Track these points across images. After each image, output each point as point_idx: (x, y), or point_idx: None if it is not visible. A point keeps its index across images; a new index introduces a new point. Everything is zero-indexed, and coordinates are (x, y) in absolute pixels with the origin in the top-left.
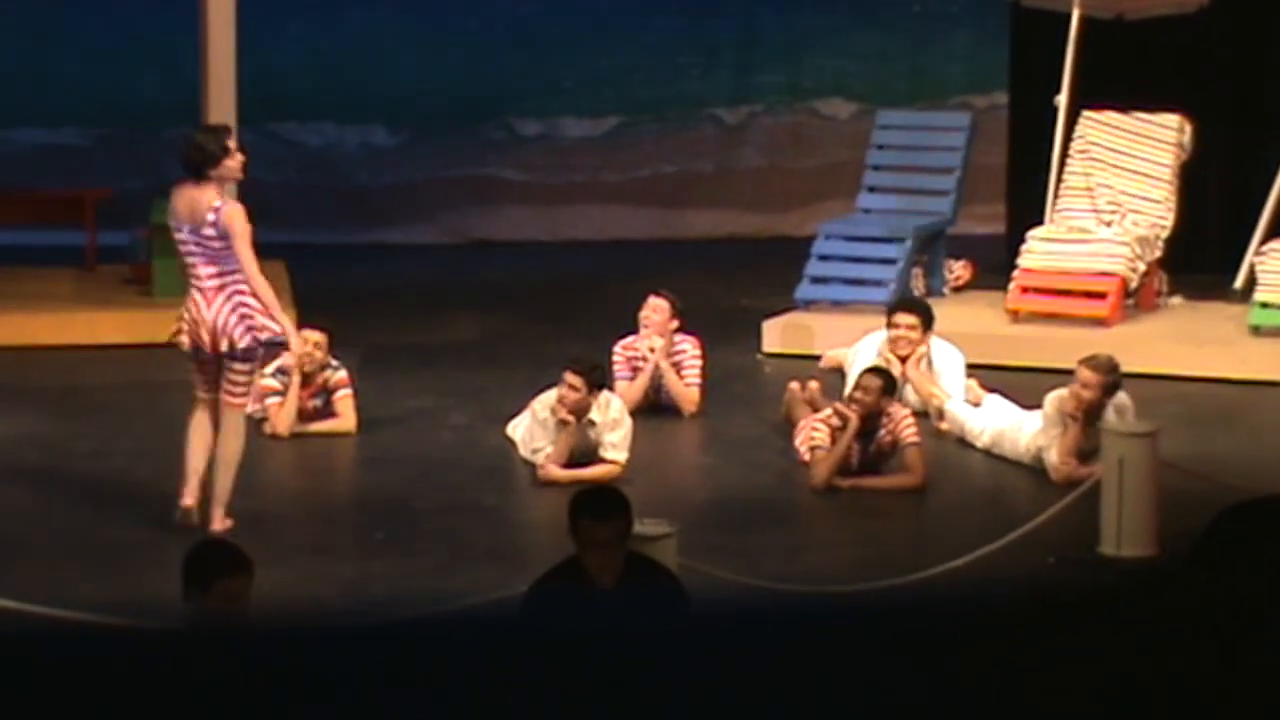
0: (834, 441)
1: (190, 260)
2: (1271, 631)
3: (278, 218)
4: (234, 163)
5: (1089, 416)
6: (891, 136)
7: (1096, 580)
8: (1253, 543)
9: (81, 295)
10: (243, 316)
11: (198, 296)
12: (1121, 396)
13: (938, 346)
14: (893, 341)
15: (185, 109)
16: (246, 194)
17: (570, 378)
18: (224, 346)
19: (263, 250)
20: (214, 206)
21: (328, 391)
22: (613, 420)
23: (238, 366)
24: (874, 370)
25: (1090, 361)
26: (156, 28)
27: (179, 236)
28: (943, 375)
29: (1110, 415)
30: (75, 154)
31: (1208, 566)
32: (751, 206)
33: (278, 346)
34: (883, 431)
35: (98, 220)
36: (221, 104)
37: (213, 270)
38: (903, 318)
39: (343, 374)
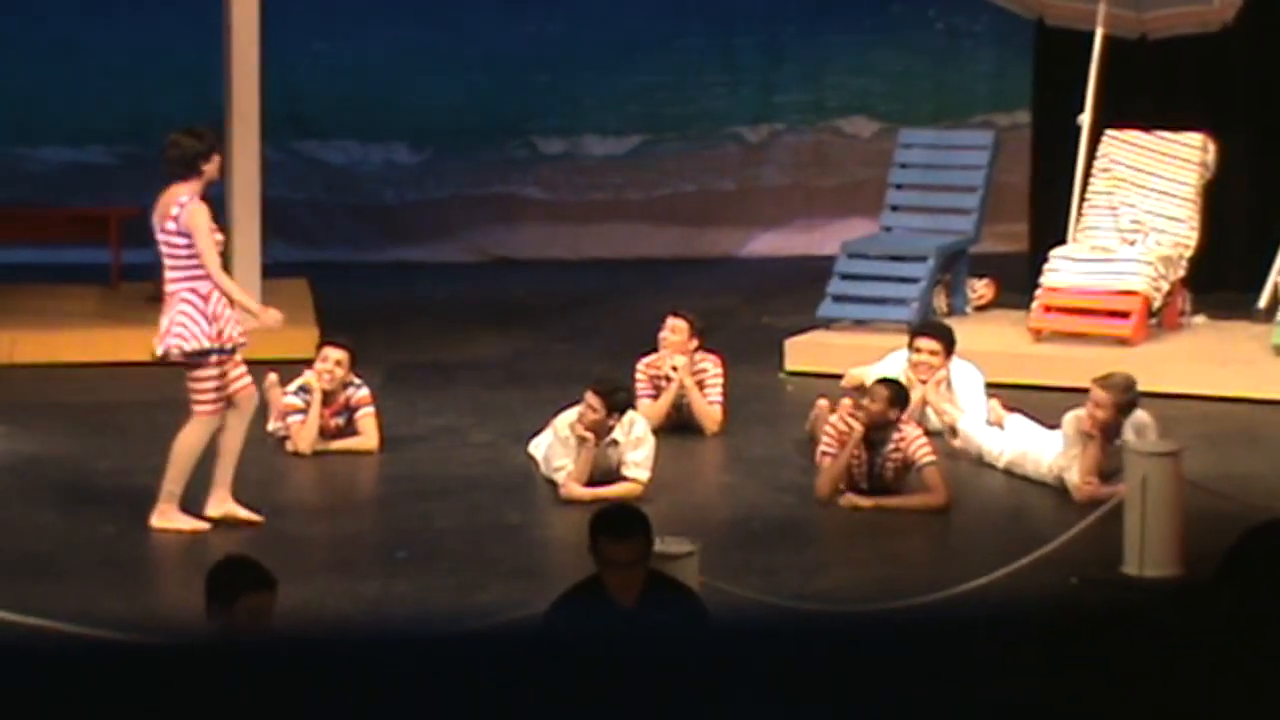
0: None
1: (163, 263)
2: None
3: (301, 236)
4: (218, 161)
5: (1107, 435)
6: (914, 155)
7: (1120, 600)
8: (1276, 562)
9: (106, 313)
10: (174, 323)
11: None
12: (1141, 415)
13: (957, 366)
14: (914, 366)
15: (210, 127)
16: (270, 211)
17: (591, 399)
18: (159, 351)
19: (286, 268)
20: (180, 203)
21: (350, 410)
22: (636, 439)
23: (187, 373)
24: (884, 381)
25: (1103, 381)
26: (181, 46)
27: (156, 239)
28: (960, 395)
29: (1129, 433)
30: (100, 172)
31: (1232, 586)
32: (774, 225)
33: (200, 358)
34: (891, 447)
35: (122, 238)
36: (246, 122)
37: (172, 275)
38: (925, 343)
39: (365, 392)
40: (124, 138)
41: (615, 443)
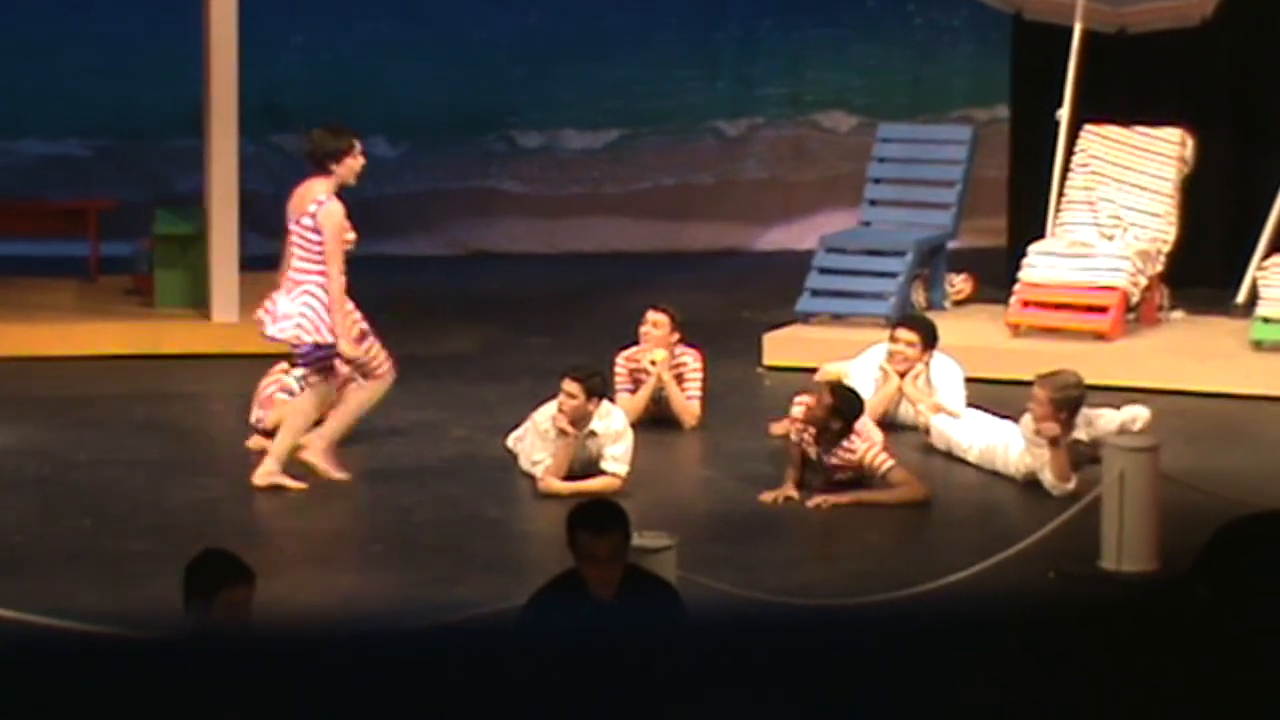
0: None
1: (291, 252)
2: (1273, 647)
3: (279, 229)
4: (352, 164)
5: (1065, 433)
6: (893, 150)
7: (1098, 595)
8: (1253, 558)
9: (84, 306)
10: (299, 313)
11: (283, 287)
12: (1103, 421)
13: (937, 361)
14: (890, 356)
15: (188, 121)
16: (248, 204)
17: (568, 385)
18: (270, 333)
19: (264, 261)
20: (317, 200)
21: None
22: (615, 433)
23: (301, 358)
24: (837, 389)
25: (1043, 377)
26: (159, 39)
27: (289, 228)
28: (940, 390)
29: (1080, 432)
30: (78, 165)
31: (1209, 581)
32: (752, 219)
33: (322, 352)
34: (840, 454)
35: (101, 231)
36: (224, 115)
37: (303, 266)
38: (903, 333)
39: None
40: (102, 131)
41: (594, 434)
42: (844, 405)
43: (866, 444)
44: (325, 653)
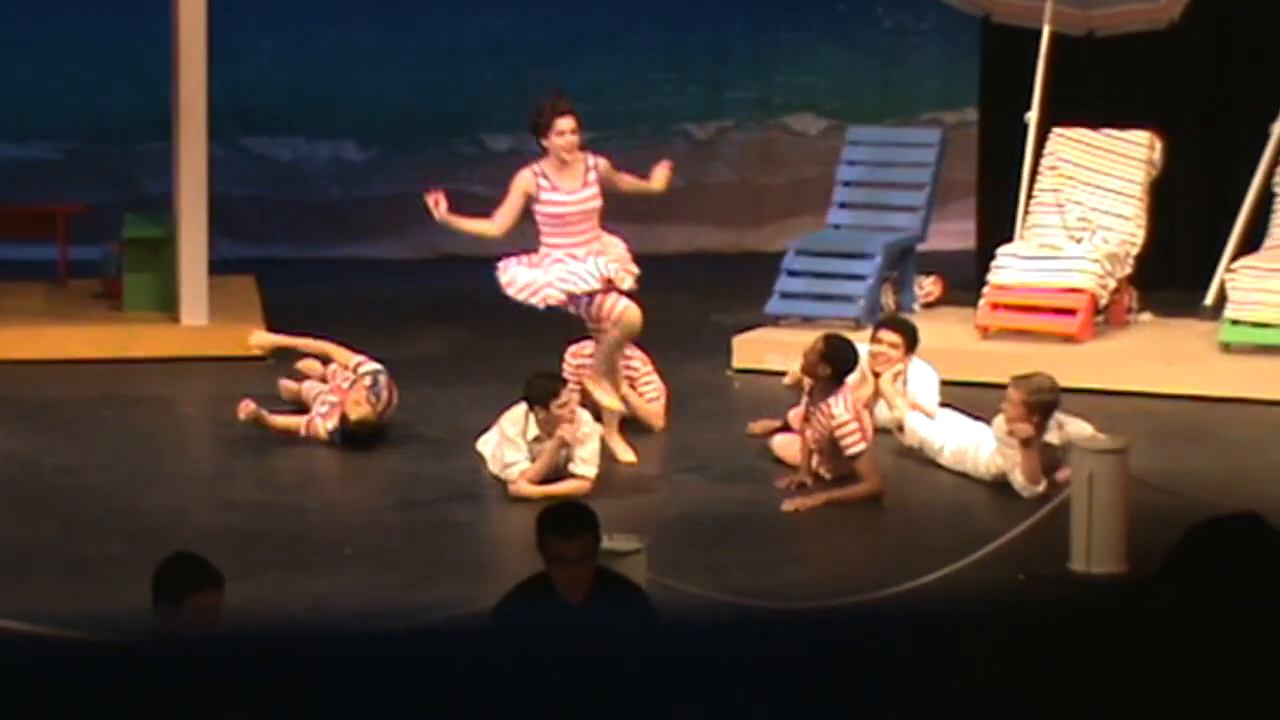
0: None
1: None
2: (1241, 648)
3: (248, 232)
4: (554, 139)
5: (1038, 434)
6: (862, 153)
7: (1068, 596)
8: (1222, 559)
9: (53, 310)
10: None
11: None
12: (1073, 426)
13: (914, 364)
14: (873, 357)
15: (157, 124)
16: (217, 208)
17: (542, 412)
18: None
19: (233, 265)
20: (588, 165)
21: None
22: (583, 434)
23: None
24: (827, 336)
25: (1017, 379)
26: (128, 42)
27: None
28: (916, 392)
29: (1052, 435)
30: (47, 168)
31: (1177, 583)
32: (722, 222)
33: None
34: (819, 423)
35: (70, 234)
36: (193, 118)
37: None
38: (886, 334)
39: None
40: (71, 134)
41: (564, 441)
42: (832, 351)
43: (847, 417)
44: (295, 657)
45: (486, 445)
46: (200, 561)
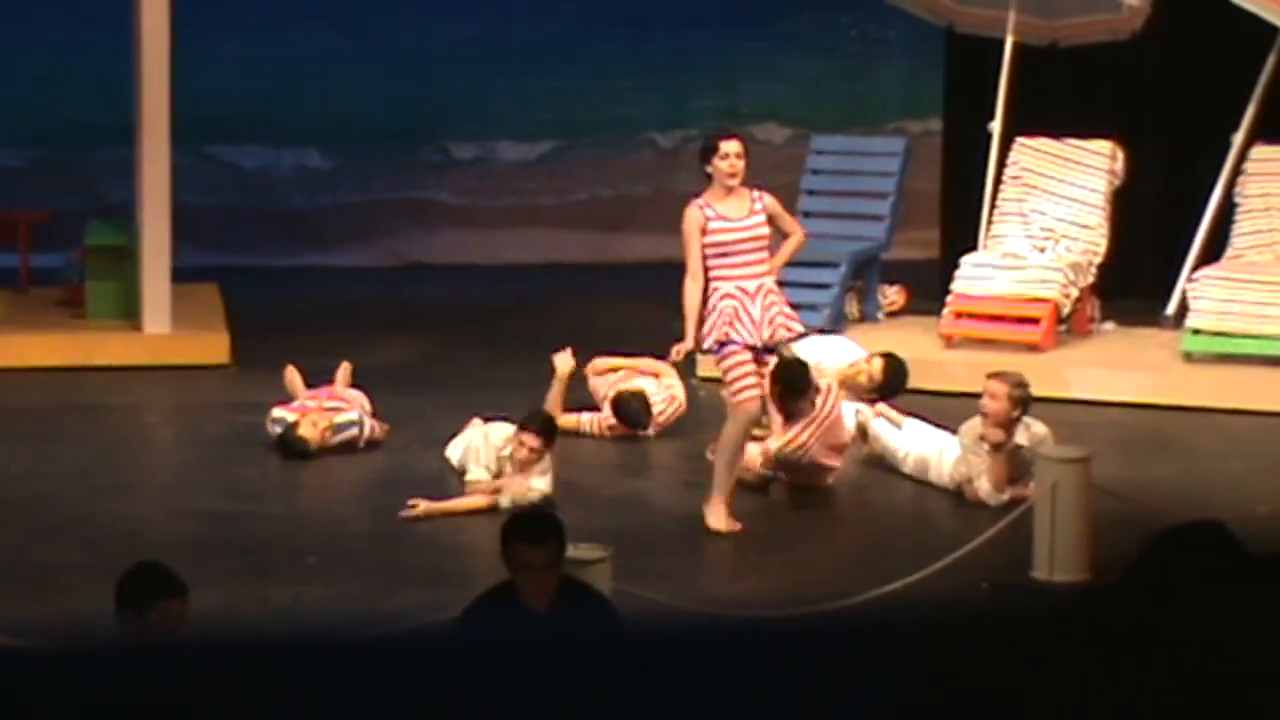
0: None
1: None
2: (1204, 656)
3: (212, 240)
4: (718, 162)
5: (1008, 436)
6: (826, 162)
7: (1031, 605)
8: (1186, 567)
9: (14, 317)
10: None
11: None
12: (1038, 427)
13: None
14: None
15: (120, 131)
16: (181, 216)
17: (528, 439)
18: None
19: (197, 273)
20: (752, 197)
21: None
22: (541, 469)
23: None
24: (786, 357)
25: (996, 374)
26: (90, 49)
27: None
28: (824, 362)
29: (1021, 437)
30: (8, 176)
31: (1140, 591)
32: None
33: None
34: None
35: (32, 242)
36: (156, 126)
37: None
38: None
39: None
40: (33, 142)
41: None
42: (784, 372)
43: (786, 439)
44: (260, 666)
45: (455, 450)
46: (165, 571)
